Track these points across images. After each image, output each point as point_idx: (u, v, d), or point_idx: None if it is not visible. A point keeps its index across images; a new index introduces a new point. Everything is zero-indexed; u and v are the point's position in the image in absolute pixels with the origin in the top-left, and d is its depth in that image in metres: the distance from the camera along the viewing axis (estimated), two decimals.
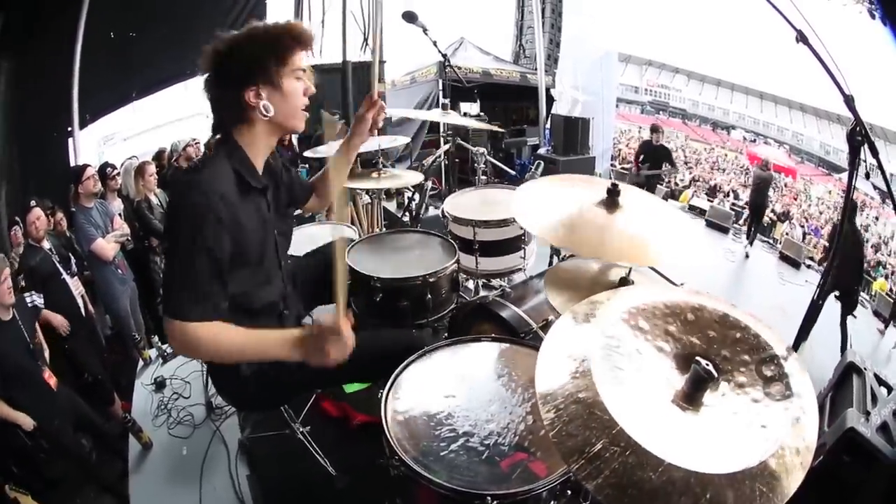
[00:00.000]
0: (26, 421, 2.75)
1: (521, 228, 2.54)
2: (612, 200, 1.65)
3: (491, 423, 1.39)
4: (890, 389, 2.48)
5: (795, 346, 2.27)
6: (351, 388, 2.57)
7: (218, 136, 1.49)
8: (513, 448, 1.32)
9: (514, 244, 2.59)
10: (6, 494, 2.35)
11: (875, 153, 1.64)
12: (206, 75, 1.42)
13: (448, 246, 2.46)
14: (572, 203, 1.69)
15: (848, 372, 2.63)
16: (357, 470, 2.08)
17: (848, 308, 5.37)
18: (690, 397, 1.04)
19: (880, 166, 1.68)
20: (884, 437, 2.04)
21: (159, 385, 2.70)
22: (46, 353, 3.09)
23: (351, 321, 1.32)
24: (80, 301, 3.68)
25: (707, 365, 1.01)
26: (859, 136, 1.62)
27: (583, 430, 0.95)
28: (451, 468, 1.25)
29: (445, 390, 1.51)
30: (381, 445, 1.32)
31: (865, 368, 2.60)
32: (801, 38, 1.65)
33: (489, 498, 1.15)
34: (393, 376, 1.52)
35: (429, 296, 2.14)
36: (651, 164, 7.36)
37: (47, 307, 3.26)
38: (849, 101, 1.61)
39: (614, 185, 1.65)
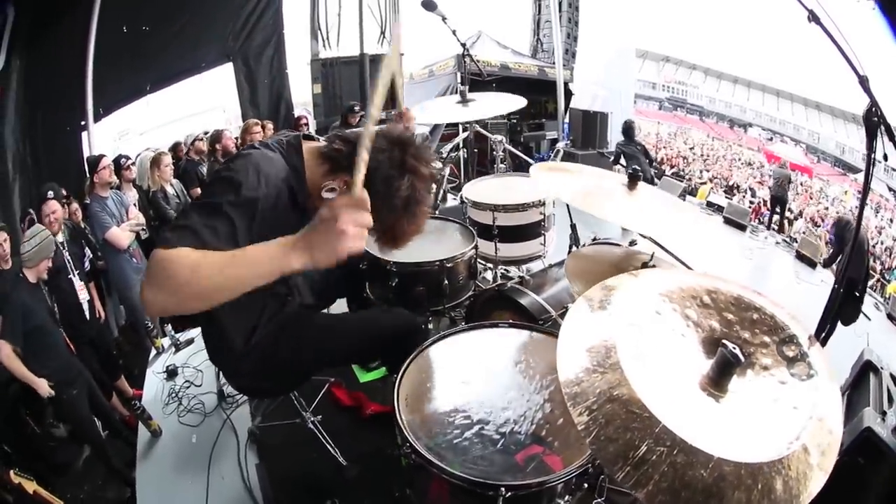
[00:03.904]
0: (43, 387, 2.78)
1: (542, 214, 2.47)
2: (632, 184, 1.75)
3: (507, 410, 1.33)
4: None
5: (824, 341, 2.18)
6: (366, 377, 2.51)
7: (295, 135, 1.39)
8: (529, 437, 1.25)
9: (535, 230, 2.53)
10: (10, 480, 2.33)
11: (891, 136, 1.57)
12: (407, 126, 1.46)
13: (466, 232, 2.40)
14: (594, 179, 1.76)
15: (865, 370, 2.58)
16: (367, 460, 2.02)
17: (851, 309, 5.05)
18: (717, 383, 0.97)
19: None
20: None
21: (171, 373, 2.67)
22: None
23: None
24: (85, 306, 3.48)
25: (734, 348, 0.95)
26: (875, 117, 1.55)
27: (623, 432, 0.85)
28: (465, 457, 1.19)
29: (461, 376, 1.45)
30: (393, 435, 1.25)
31: (882, 368, 2.54)
32: (813, 17, 1.59)
33: (503, 489, 1.07)
34: (406, 362, 1.46)
35: (445, 281, 2.08)
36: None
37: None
38: (863, 81, 1.55)
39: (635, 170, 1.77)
